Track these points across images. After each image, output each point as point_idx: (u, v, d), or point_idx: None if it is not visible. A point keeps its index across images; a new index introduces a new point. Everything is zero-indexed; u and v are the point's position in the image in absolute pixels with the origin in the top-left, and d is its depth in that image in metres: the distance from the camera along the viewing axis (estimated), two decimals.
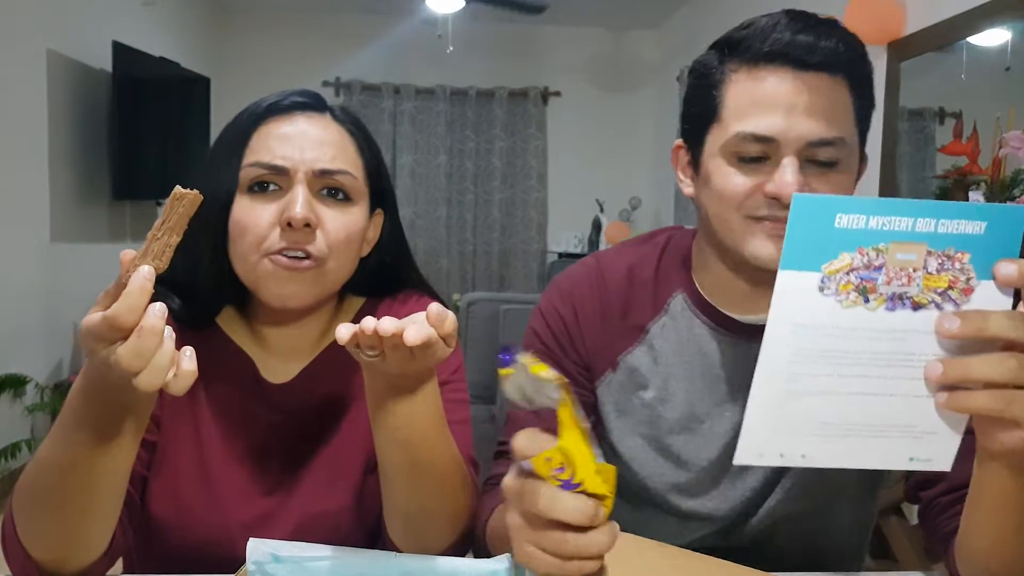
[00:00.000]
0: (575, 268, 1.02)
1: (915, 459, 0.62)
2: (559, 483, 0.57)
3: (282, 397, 0.91)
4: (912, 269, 0.57)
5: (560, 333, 0.97)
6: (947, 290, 0.57)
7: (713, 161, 0.84)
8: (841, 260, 0.56)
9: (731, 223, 0.84)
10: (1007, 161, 2.18)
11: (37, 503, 0.72)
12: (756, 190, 0.81)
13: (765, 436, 0.61)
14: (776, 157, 0.80)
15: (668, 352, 0.94)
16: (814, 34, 0.80)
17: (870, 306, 0.57)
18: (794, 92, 0.79)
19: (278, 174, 0.83)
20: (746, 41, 0.83)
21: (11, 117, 3.24)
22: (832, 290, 0.57)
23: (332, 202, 0.85)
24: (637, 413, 0.95)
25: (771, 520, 0.94)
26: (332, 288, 0.89)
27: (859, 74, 0.83)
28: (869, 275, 0.57)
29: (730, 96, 0.83)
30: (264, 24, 5.56)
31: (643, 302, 0.97)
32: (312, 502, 0.89)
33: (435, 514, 0.79)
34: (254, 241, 0.82)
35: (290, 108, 0.86)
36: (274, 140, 0.84)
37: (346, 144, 0.87)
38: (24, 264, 3.33)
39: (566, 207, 5.82)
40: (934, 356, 0.58)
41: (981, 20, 2.39)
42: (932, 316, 0.58)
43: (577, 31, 5.77)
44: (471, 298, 2.12)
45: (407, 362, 0.66)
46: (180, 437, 0.89)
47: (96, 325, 0.58)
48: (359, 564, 0.69)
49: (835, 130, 0.80)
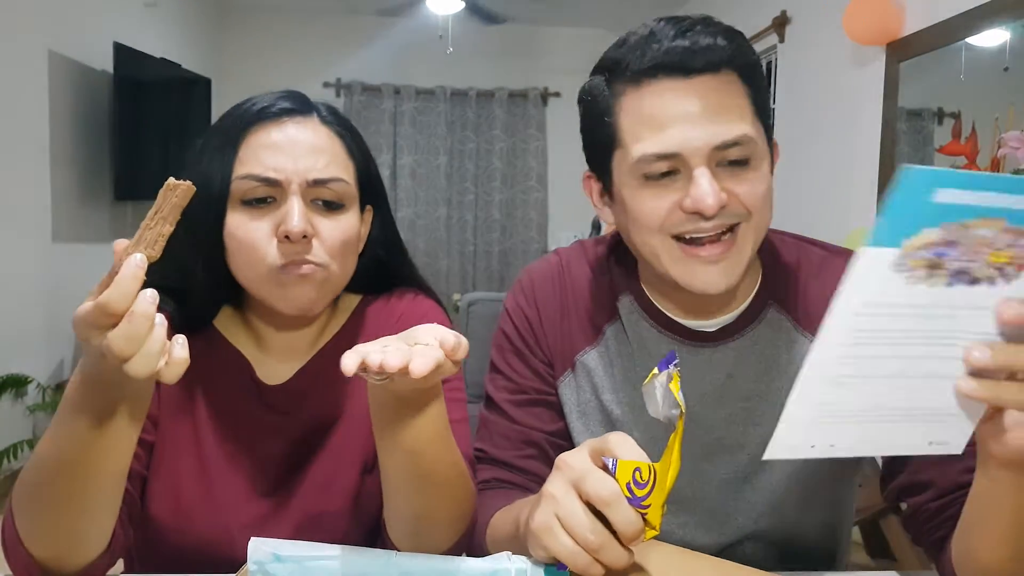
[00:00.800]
0: (538, 264, 1.01)
1: (933, 443, 0.60)
2: (629, 495, 0.58)
3: (278, 398, 0.91)
4: (985, 245, 0.53)
5: (526, 332, 0.96)
6: (1006, 265, 0.54)
7: (624, 188, 0.82)
8: (923, 236, 0.52)
9: (656, 248, 0.81)
10: (1006, 161, 2.18)
11: (36, 500, 0.72)
12: (674, 208, 0.79)
13: (804, 428, 0.58)
14: (686, 170, 0.78)
15: (621, 355, 0.92)
16: (691, 37, 0.77)
17: (932, 282, 0.54)
18: (685, 101, 0.77)
19: (271, 186, 0.82)
20: (624, 60, 0.80)
21: (13, 118, 3.24)
22: (905, 267, 0.53)
23: (326, 211, 0.84)
24: (596, 415, 0.94)
25: (739, 533, 0.91)
26: (339, 290, 0.89)
27: (746, 64, 0.80)
28: (943, 251, 0.53)
29: (623, 119, 0.80)
30: (265, 25, 5.56)
31: (600, 302, 0.95)
32: (311, 503, 0.89)
33: (438, 518, 0.79)
34: (254, 256, 0.82)
35: (278, 115, 0.85)
36: (264, 151, 0.83)
37: (336, 148, 0.86)
38: (25, 264, 3.33)
39: (566, 207, 5.82)
40: (975, 335, 0.55)
41: (980, 21, 2.39)
42: (983, 292, 0.55)
43: (577, 32, 5.77)
44: (471, 298, 2.13)
45: (414, 383, 0.64)
46: (178, 439, 0.89)
47: (88, 312, 0.58)
48: (359, 563, 0.69)
49: (737, 128, 0.77)
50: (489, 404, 0.98)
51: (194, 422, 0.89)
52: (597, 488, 0.59)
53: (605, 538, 0.60)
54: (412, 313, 0.96)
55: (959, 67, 2.54)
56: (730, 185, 0.78)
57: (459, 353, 0.64)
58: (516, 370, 0.96)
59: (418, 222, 5.71)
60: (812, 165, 3.38)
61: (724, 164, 0.78)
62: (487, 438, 0.96)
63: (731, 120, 0.77)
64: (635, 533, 0.59)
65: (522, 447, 0.94)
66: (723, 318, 0.90)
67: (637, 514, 0.59)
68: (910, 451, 0.61)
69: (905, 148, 2.82)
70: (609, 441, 0.61)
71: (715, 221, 0.78)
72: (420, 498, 0.77)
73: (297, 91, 0.89)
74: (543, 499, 0.63)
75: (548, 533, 0.62)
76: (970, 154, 2.35)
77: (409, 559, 0.70)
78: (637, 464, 0.59)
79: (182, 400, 0.90)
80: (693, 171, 0.77)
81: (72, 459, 0.68)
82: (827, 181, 3.33)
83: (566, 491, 0.62)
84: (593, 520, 0.60)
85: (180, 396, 0.90)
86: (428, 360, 0.60)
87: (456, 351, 0.64)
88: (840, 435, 0.59)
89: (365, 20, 5.51)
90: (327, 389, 0.92)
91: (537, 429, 0.94)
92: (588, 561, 0.61)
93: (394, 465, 0.75)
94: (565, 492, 0.62)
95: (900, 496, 0.86)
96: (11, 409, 3.26)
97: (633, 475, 0.58)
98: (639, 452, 0.60)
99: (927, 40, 2.64)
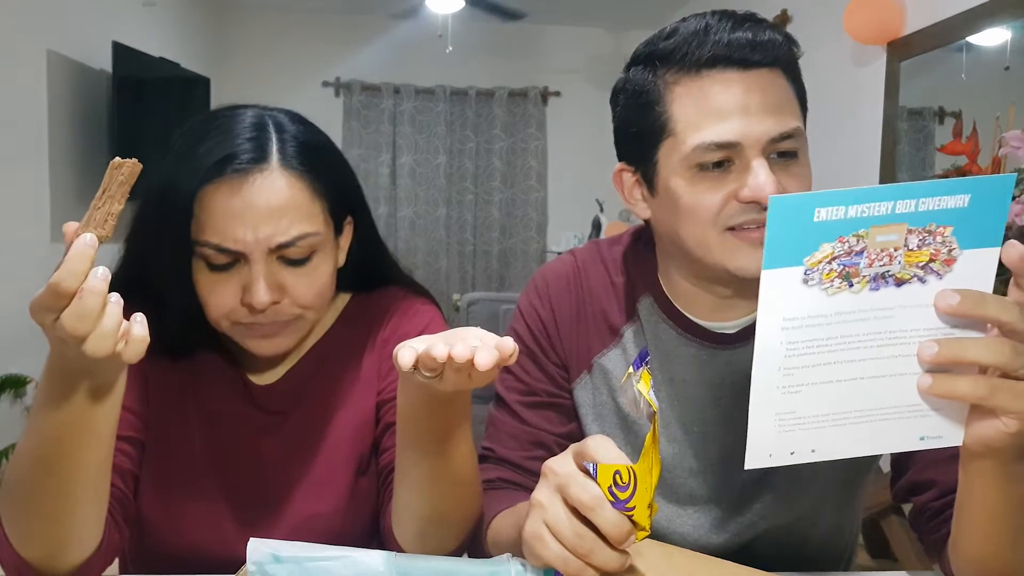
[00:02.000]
0: (552, 265, 1.00)
1: (925, 438, 0.61)
2: (612, 498, 0.59)
3: (269, 398, 0.91)
4: (893, 249, 0.57)
5: (540, 333, 0.95)
6: (929, 263, 0.58)
7: (674, 179, 0.82)
8: (822, 251, 0.57)
9: (708, 240, 0.81)
10: (1007, 160, 2.17)
11: (18, 499, 0.71)
12: (729, 198, 0.79)
13: (772, 436, 0.61)
14: (741, 161, 0.79)
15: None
16: (750, 31, 0.79)
17: (854, 289, 0.58)
18: (745, 92, 0.78)
19: (233, 254, 0.79)
20: (680, 50, 0.80)
21: (11, 117, 3.24)
22: (816, 280, 0.57)
23: (294, 266, 0.81)
24: (612, 417, 0.93)
25: (752, 533, 0.92)
26: (315, 324, 0.89)
27: (792, 62, 0.83)
28: (851, 260, 0.57)
29: (677, 109, 0.80)
30: (264, 24, 5.55)
31: (617, 304, 0.95)
32: (303, 503, 0.89)
33: (450, 519, 0.79)
34: (222, 313, 0.81)
35: (232, 175, 0.77)
36: (221, 219, 0.77)
37: (298, 199, 0.80)
38: (24, 264, 3.32)
39: (566, 207, 5.81)
40: (925, 331, 0.58)
41: (981, 20, 2.39)
42: (916, 290, 0.58)
43: (577, 31, 5.77)
44: (471, 298, 2.12)
45: (464, 383, 0.64)
46: (170, 440, 0.89)
47: (41, 296, 0.58)
48: (359, 564, 0.69)
49: (790, 122, 0.80)
50: (499, 404, 0.97)
51: (185, 422, 0.89)
52: (579, 493, 0.59)
53: (593, 542, 0.60)
54: (404, 312, 0.96)
55: (960, 66, 2.54)
56: (781, 177, 0.80)
57: (512, 358, 0.63)
58: (528, 371, 0.95)
59: (417, 222, 5.70)
60: (813, 164, 3.37)
61: (775, 156, 0.80)
62: (495, 437, 0.96)
63: (784, 113, 0.80)
64: (622, 535, 0.59)
65: (530, 448, 0.94)
66: (743, 320, 0.90)
67: (622, 516, 0.59)
68: (901, 449, 0.62)
69: (906, 147, 2.82)
70: (588, 445, 0.61)
71: None
72: (437, 499, 0.76)
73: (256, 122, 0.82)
74: (532, 507, 0.64)
75: (539, 541, 0.62)
76: (971, 153, 2.35)
77: (409, 560, 0.70)
78: (617, 467, 0.59)
79: (173, 400, 0.89)
80: (751, 161, 0.78)
81: (48, 453, 0.67)
82: (828, 180, 3.31)
83: (552, 498, 0.62)
84: (580, 525, 0.60)
85: (171, 396, 0.89)
86: (492, 354, 0.60)
87: (513, 356, 0.62)
88: (818, 441, 0.61)
89: (365, 19, 5.51)
90: (318, 389, 0.92)
91: (546, 431, 0.94)
92: (580, 566, 0.61)
93: (417, 465, 0.74)
94: (551, 499, 0.62)
95: (906, 495, 0.87)
96: (10, 409, 3.26)
97: (614, 478, 0.59)
98: (619, 455, 0.60)
99: (928, 39, 2.64)
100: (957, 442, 0.61)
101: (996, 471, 0.62)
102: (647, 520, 0.59)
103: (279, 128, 0.82)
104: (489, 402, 1.00)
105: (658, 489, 0.92)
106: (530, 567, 0.67)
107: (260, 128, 0.81)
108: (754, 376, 0.59)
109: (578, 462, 0.61)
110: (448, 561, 0.71)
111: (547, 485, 0.63)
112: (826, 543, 0.96)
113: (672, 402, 0.92)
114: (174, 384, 0.90)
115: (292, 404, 0.91)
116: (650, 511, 0.60)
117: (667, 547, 0.78)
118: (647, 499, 0.59)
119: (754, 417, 0.60)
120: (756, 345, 0.58)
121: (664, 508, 0.93)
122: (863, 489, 1.00)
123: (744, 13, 0.82)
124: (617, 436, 0.93)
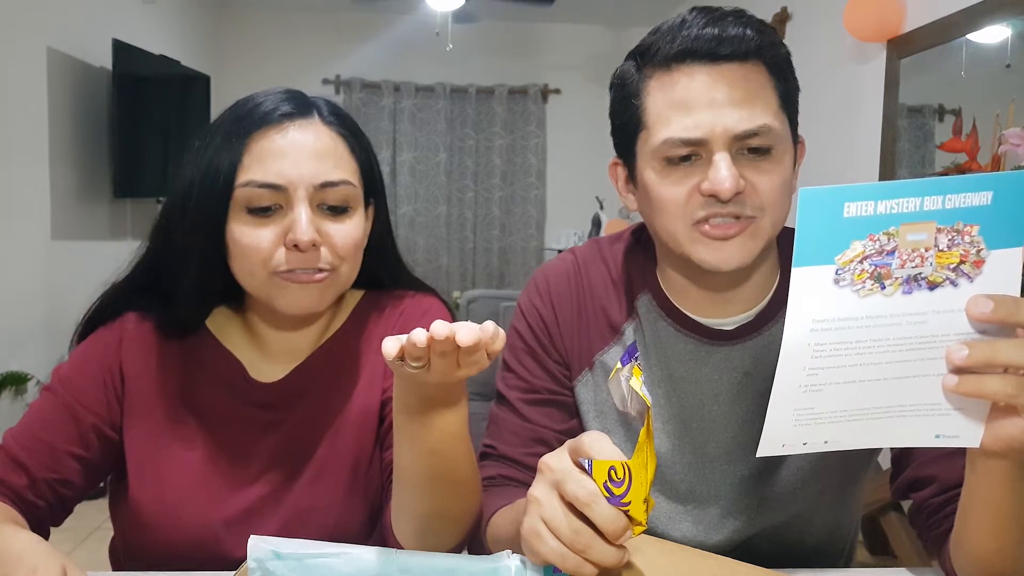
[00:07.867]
0: (553, 263, 1.01)
1: (941, 436, 0.61)
2: (607, 494, 0.59)
3: (271, 395, 0.91)
4: (924, 248, 0.56)
5: (541, 332, 0.96)
6: (959, 265, 0.57)
7: (647, 172, 0.83)
8: (853, 249, 0.56)
9: (678, 232, 0.82)
10: (1006, 158, 2.17)
11: None
12: (692, 192, 0.80)
13: (788, 429, 0.60)
14: (707, 155, 0.79)
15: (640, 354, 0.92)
16: (720, 25, 0.79)
17: (887, 292, 0.57)
18: (711, 87, 0.78)
19: (277, 192, 0.81)
20: (655, 45, 0.81)
21: (11, 115, 3.24)
22: (848, 280, 0.56)
23: (332, 216, 0.84)
24: (613, 414, 0.94)
25: (751, 530, 0.92)
26: (345, 289, 0.89)
27: (775, 56, 0.82)
28: (883, 260, 0.56)
29: (650, 102, 0.82)
30: (264, 22, 5.55)
31: (618, 301, 0.95)
32: (299, 499, 0.89)
33: (449, 517, 0.79)
34: (259, 261, 0.82)
35: (280, 119, 0.83)
36: (268, 157, 0.81)
37: (340, 150, 0.85)
38: (25, 262, 3.33)
39: (566, 204, 5.81)
40: (955, 335, 0.57)
41: (981, 17, 2.39)
42: (948, 294, 0.57)
43: (577, 28, 5.76)
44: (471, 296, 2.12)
45: (451, 370, 0.64)
46: (166, 436, 0.89)
47: None
48: (359, 561, 0.69)
49: (759, 118, 0.78)
50: (500, 401, 0.98)
51: (183, 420, 0.89)
52: (575, 489, 0.60)
53: (590, 538, 0.60)
54: (414, 310, 0.96)
55: (960, 64, 2.53)
56: (749, 174, 0.79)
57: (496, 343, 0.63)
58: (529, 369, 0.96)
59: (417, 219, 5.69)
60: (812, 162, 3.35)
61: (744, 152, 0.80)
62: (496, 434, 0.96)
63: (754, 109, 0.79)
64: (618, 531, 0.59)
65: (531, 444, 0.94)
66: (741, 316, 0.90)
67: (618, 512, 0.59)
68: (914, 444, 0.62)
69: (906, 145, 2.82)
70: (584, 441, 0.61)
71: (730, 208, 0.79)
72: (435, 496, 0.77)
73: (297, 91, 0.88)
74: (529, 503, 0.64)
75: (536, 537, 0.62)
76: (971, 151, 2.35)
77: (409, 556, 0.70)
78: (612, 463, 0.59)
79: (168, 397, 0.90)
80: (713, 155, 0.78)
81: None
82: (827, 178, 3.33)
83: (548, 494, 0.62)
84: (576, 521, 0.60)
85: (167, 393, 0.90)
86: (473, 329, 0.61)
87: (494, 340, 0.63)
88: (833, 433, 0.61)
89: (364, 16, 5.50)
90: (318, 387, 0.92)
91: (548, 428, 0.94)
92: (578, 562, 0.61)
93: (413, 463, 0.75)
94: (548, 495, 0.62)
95: (906, 491, 0.87)
96: (11, 406, 3.26)
97: (609, 474, 0.59)
98: (614, 450, 0.60)
99: (928, 36, 2.64)
100: (973, 443, 0.61)
101: (1008, 470, 0.63)
102: (643, 515, 0.60)
103: (316, 99, 0.88)
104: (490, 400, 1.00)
105: (656, 486, 0.93)
106: (529, 563, 0.67)
107: (300, 95, 0.87)
108: (778, 375, 0.58)
109: (574, 458, 0.62)
110: (448, 558, 0.71)
111: (543, 481, 0.63)
112: (825, 540, 0.97)
113: (670, 398, 0.92)
114: (171, 382, 0.90)
115: (295, 401, 0.91)
116: (646, 506, 0.60)
117: (665, 543, 0.78)
118: (643, 494, 0.59)
119: (772, 412, 0.60)
120: (783, 344, 0.58)
121: (662, 505, 0.93)
122: (861, 486, 1.00)
123: (729, 9, 0.82)
124: (618, 433, 0.93)
